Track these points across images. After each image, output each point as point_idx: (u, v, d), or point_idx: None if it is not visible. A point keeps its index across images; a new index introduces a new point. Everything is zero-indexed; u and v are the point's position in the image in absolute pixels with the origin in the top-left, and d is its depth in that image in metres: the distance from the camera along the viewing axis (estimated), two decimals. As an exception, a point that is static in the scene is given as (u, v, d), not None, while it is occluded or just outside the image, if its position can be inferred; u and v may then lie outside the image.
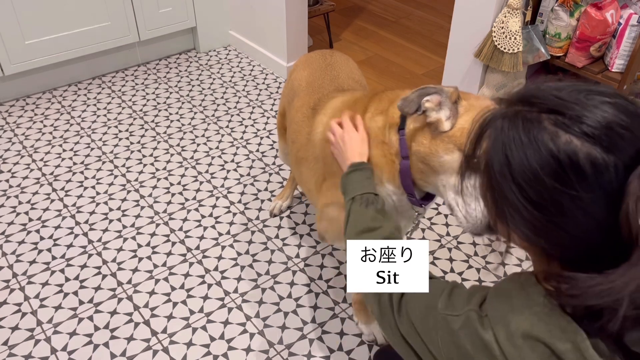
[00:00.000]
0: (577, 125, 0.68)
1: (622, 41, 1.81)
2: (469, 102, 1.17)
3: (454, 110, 1.16)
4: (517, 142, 0.71)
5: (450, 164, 1.16)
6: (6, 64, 2.75)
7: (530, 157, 0.69)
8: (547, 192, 0.69)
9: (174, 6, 3.13)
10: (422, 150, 1.20)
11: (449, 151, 1.16)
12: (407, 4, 4.12)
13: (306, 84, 1.68)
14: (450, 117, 1.16)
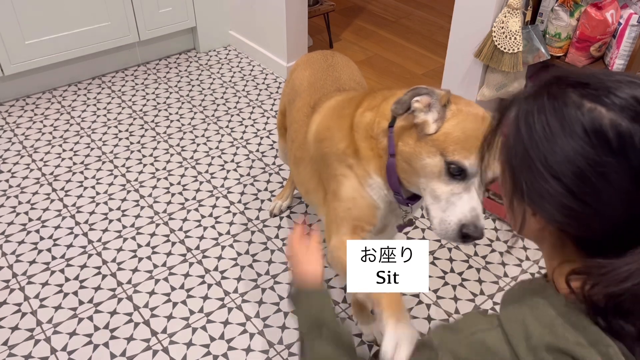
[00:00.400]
0: (603, 95, 0.66)
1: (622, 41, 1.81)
2: (458, 106, 1.16)
3: (442, 114, 1.15)
4: (542, 115, 0.69)
5: (431, 167, 1.16)
6: (6, 64, 2.75)
7: (554, 126, 0.68)
8: (572, 164, 0.67)
9: (174, 6, 3.13)
10: (406, 150, 1.20)
11: (431, 154, 1.15)
12: (407, 4, 4.12)
13: (308, 84, 1.68)
14: (437, 120, 1.15)
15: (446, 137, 1.13)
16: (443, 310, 1.90)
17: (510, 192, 0.76)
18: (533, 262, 2.07)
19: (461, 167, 1.12)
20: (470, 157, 1.11)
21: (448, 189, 1.14)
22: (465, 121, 1.14)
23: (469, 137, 1.12)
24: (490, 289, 1.97)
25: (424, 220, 2.24)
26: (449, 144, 1.13)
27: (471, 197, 1.13)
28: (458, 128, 1.14)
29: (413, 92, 1.16)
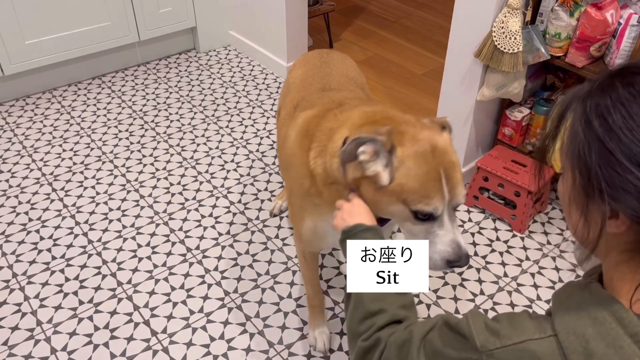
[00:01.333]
0: None
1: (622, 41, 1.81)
2: (404, 149, 1.09)
3: (390, 160, 1.10)
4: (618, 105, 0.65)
5: (398, 213, 1.13)
6: (6, 64, 2.75)
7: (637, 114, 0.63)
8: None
9: (174, 6, 3.13)
10: (369, 197, 1.15)
11: (393, 203, 1.12)
12: (407, 4, 4.12)
13: (299, 81, 1.68)
14: (387, 167, 1.10)
15: (402, 188, 1.09)
16: (443, 310, 1.90)
17: (582, 196, 0.70)
18: (533, 262, 2.07)
19: (427, 214, 1.09)
20: (432, 202, 1.08)
21: (422, 228, 1.12)
22: (415, 167, 1.09)
23: (424, 184, 1.08)
24: (490, 289, 1.97)
25: (424, 220, 2.24)
26: (406, 195, 1.09)
27: (446, 231, 1.11)
28: (410, 177, 1.09)
29: (356, 141, 1.09)
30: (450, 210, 1.12)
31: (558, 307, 0.74)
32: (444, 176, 1.08)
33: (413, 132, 1.13)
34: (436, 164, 1.09)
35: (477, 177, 2.25)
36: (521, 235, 2.18)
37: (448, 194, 1.09)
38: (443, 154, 1.11)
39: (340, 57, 1.80)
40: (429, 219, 1.11)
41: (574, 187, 0.71)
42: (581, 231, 0.72)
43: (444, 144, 1.13)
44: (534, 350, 0.70)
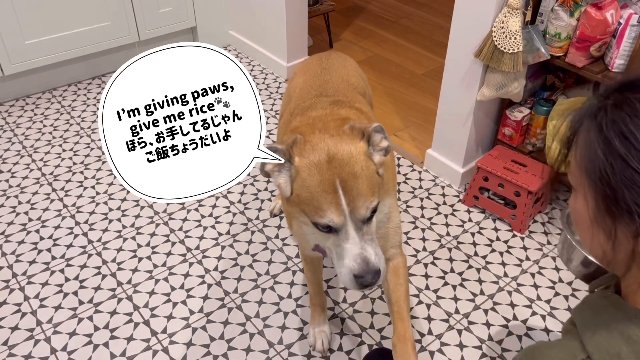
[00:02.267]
0: None
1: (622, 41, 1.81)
2: (300, 159, 1.07)
3: (291, 171, 1.07)
4: (637, 120, 0.63)
5: (305, 225, 1.11)
6: (6, 64, 2.75)
7: None
8: None
9: (173, 6, 3.13)
10: (285, 210, 1.15)
11: (299, 214, 1.10)
12: (407, 4, 4.12)
13: (299, 90, 1.65)
14: (289, 179, 1.08)
15: (299, 200, 1.07)
16: (443, 310, 1.90)
17: (608, 218, 0.68)
18: (533, 262, 2.07)
19: (324, 225, 1.07)
20: (326, 214, 1.04)
21: (330, 242, 1.10)
22: (308, 177, 1.06)
23: (316, 195, 1.05)
24: (490, 289, 1.97)
25: (424, 221, 2.24)
26: (303, 206, 1.07)
27: (352, 244, 1.07)
28: (304, 188, 1.06)
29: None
30: (357, 223, 1.07)
31: (585, 327, 0.71)
32: (341, 187, 1.04)
33: (315, 141, 1.09)
34: (331, 174, 1.04)
35: (477, 177, 2.25)
36: (521, 235, 2.18)
37: (347, 206, 1.05)
38: (343, 164, 1.06)
39: (341, 61, 1.77)
40: (332, 231, 1.08)
41: (597, 210, 0.69)
42: (609, 253, 0.70)
43: (347, 154, 1.07)
44: None
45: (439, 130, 2.39)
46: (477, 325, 1.85)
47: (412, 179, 2.47)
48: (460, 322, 1.86)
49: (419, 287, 1.97)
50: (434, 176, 2.48)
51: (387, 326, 1.85)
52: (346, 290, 1.97)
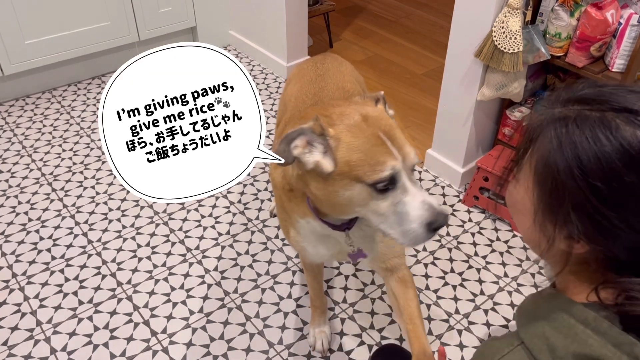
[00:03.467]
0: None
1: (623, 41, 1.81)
2: (336, 128, 1.05)
3: (326, 143, 1.05)
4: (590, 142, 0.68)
5: (357, 196, 1.06)
6: (6, 64, 2.75)
7: (607, 155, 0.67)
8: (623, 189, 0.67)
9: (173, 6, 3.13)
10: (322, 193, 1.09)
11: (348, 186, 1.05)
12: (407, 4, 4.12)
13: (294, 99, 1.63)
14: (327, 153, 1.05)
15: (350, 166, 1.03)
16: (443, 310, 1.90)
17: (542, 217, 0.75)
18: (533, 262, 2.07)
19: (386, 180, 1.03)
20: (385, 165, 1.02)
21: (388, 203, 1.05)
22: (353, 139, 1.04)
23: (368, 152, 1.03)
24: (490, 289, 1.97)
25: (424, 220, 2.24)
26: (357, 170, 1.03)
27: (413, 195, 1.05)
28: (352, 151, 1.03)
29: (286, 139, 1.05)
30: (409, 173, 1.05)
31: (520, 318, 0.80)
32: (387, 138, 1.04)
33: (340, 111, 1.09)
34: (373, 129, 1.05)
35: (477, 177, 2.25)
36: (521, 235, 2.18)
37: (398, 154, 1.04)
38: (377, 120, 1.07)
39: (336, 66, 1.74)
40: (390, 188, 1.04)
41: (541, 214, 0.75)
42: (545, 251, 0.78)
43: (375, 112, 1.09)
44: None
45: (439, 130, 2.39)
46: (477, 325, 1.85)
47: (412, 179, 2.46)
48: (460, 322, 1.86)
49: (419, 287, 1.97)
50: (434, 176, 2.47)
51: (387, 326, 1.85)
52: (346, 291, 1.97)
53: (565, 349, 0.71)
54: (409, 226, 1.04)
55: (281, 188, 1.27)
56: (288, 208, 1.30)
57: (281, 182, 1.26)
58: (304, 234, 1.33)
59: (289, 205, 1.28)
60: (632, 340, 0.68)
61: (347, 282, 1.99)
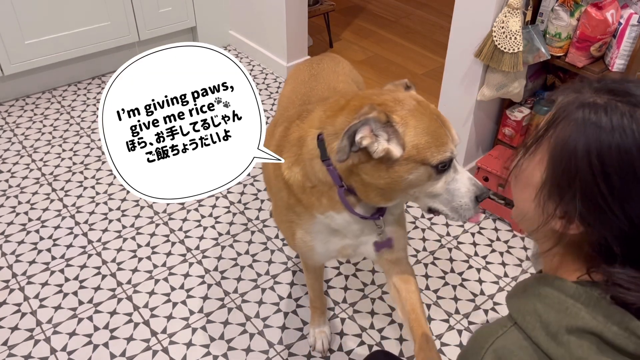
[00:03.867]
0: None
1: (623, 41, 1.81)
2: (400, 114, 1.08)
3: (391, 130, 1.07)
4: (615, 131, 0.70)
5: (418, 179, 1.11)
6: (6, 64, 2.75)
7: (628, 147, 0.69)
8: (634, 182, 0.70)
9: (173, 6, 3.13)
10: (382, 182, 1.12)
11: (413, 170, 1.09)
12: (407, 4, 4.12)
13: (286, 99, 1.63)
14: (392, 139, 1.07)
15: (418, 149, 1.08)
16: (443, 310, 1.90)
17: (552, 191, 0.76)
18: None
19: (448, 160, 1.11)
20: (447, 147, 1.11)
21: (442, 182, 1.14)
22: (419, 122, 1.09)
23: (434, 133, 1.09)
24: (490, 289, 1.97)
25: (424, 221, 2.24)
26: (425, 153, 1.08)
27: (462, 172, 1.15)
28: (420, 135, 1.08)
29: (348, 132, 1.05)
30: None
31: (510, 301, 0.82)
32: (441, 121, 1.12)
33: (392, 97, 1.13)
34: (430, 112, 1.11)
35: (477, 177, 2.24)
36: (521, 235, 2.18)
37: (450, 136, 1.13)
38: (426, 104, 1.14)
39: (332, 66, 1.73)
40: (447, 168, 1.13)
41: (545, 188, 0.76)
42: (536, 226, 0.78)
43: (419, 98, 1.16)
44: (504, 345, 0.76)
45: (439, 130, 2.38)
46: (477, 325, 1.85)
47: (412, 179, 2.46)
48: (460, 322, 1.86)
49: (419, 288, 1.97)
50: (434, 176, 2.47)
51: (387, 326, 1.85)
52: (346, 291, 1.97)
53: (558, 324, 0.73)
54: (460, 201, 1.14)
55: (300, 186, 1.24)
56: (305, 205, 1.27)
57: (300, 181, 1.23)
58: (316, 231, 1.32)
59: (308, 201, 1.25)
60: (621, 310, 0.70)
61: (347, 282, 1.99)
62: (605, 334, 0.70)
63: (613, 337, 0.70)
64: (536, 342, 0.74)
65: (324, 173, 1.17)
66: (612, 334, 0.70)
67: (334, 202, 1.22)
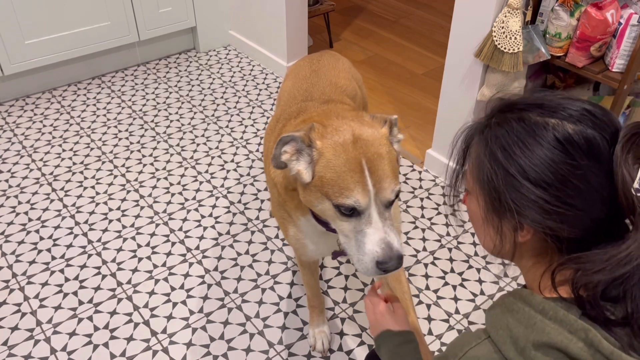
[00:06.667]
0: (560, 111, 0.77)
1: (623, 41, 1.81)
2: (323, 142, 1.07)
3: (312, 155, 1.07)
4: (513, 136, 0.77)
5: (326, 211, 1.09)
6: (6, 64, 2.75)
7: (530, 143, 0.76)
8: (550, 169, 0.74)
9: (173, 6, 3.13)
10: (303, 199, 1.13)
11: (320, 200, 1.08)
12: (407, 4, 4.12)
13: (287, 94, 1.63)
14: (310, 164, 1.07)
15: (322, 182, 1.06)
16: (443, 310, 1.90)
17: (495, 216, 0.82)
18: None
19: (348, 207, 1.05)
20: (352, 194, 1.03)
21: (351, 227, 1.07)
22: (333, 158, 1.05)
23: (342, 175, 1.04)
24: (490, 289, 1.97)
25: (424, 221, 2.24)
26: (327, 189, 1.05)
27: (375, 229, 1.05)
28: (328, 169, 1.05)
29: (279, 143, 1.07)
30: (380, 206, 1.06)
31: (487, 314, 0.85)
32: (367, 168, 1.04)
33: (337, 125, 1.09)
34: (357, 154, 1.04)
35: (477, 177, 2.24)
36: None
37: (373, 187, 1.04)
38: (369, 144, 1.05)
39: (332, 62, 1.74)
40: (355, 214, 1.06)
41: (487, 209, 0.83)
42: (498, 245, 0.84)
43: (372, 135, 1.07)
44: (476, 355, 0.79)
45: (439, 130, 2.39)
46: (477, 325, 1.85)
47: (412, 179, 2.46)
48: (460, 322, 1.86)
49: (419, 287, 1.97)
50: (434, 176, 2.48)
51: (387, 326, 1.85)
52: (346, 291, 1.97)
53: (526, 339, 0.75)
54: (363, 257, 1.07)
55: (283, 187, 1.27)
56: (289, 207, 1.30)
57: (283, 182, 1.26)
58: (306, 230, 1.34)
59: (291, 204, 1.28)
60: (585, 327, 0.71)
61: (347, 282, 1.99)
62: (571, 349, 0.71)
63: (578, 352, 0.70)
64: (506, 355, 0.76)
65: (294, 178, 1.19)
66: (577, 350, 0.71)
67: (304, 207, 1.24)
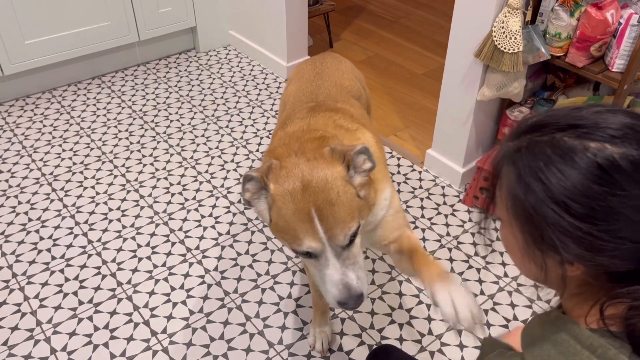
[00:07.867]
0: (599, 131, 0.68)
1: (623, 41, 1.81)
2: (275, 186, 1.05)
3: (268, 198, 1.07)
4: (550, 165, 0.69)
5: (291, 249, 1.10)
6: (6, 64, 2.75)
7: (569, 173, 0.68)
8: (596, 201, 0.67)
9: (173, 6, 3.13)
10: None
11: (282, 239, 1.09)
12: (407, 4, 4.12)
13: (292, 98, 1.63)
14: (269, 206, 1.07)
15: (276, 228, 1.07)
16: (443, 310, 1.89)
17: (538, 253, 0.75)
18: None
19: (302, 253, 1.06)
20: (303, 242, 1.04)
21: (313, 268, 1.10)
22: (282, 206, 1.04)
23: (291, 224, 1.04)
24: (490, 289, 1.97)
25: (424, 221, 2.24)
26: (280, 235, 1.07)
27: (333, 271, 1.06)
28: (280, 217, 1.05)
29: (243, 179, 1.07)
30: (337, 249, 1.06)
31: (525, 340, 0.80)
32: (317, 216, 1.02)
33: (289, 167, 1.06)
34: (306, 203, 1.02)
35: (477, 177, 2.25)
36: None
37: (324, 234, 1.03)
38: (318, 192, 1.03)
39: (335, 64, 1.74)
40: (313, 256, 1.07)
41: (526, 244, 0.75)
42: (542, 279, 0.79)
43: (322, 180, 1.04)
44: None
45: (439, 130, 2.39)
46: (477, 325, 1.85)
47: (412, 179, 2.46)
48: (461, 322, 1.86)
49: (419, 287, 1.97)
50: (434, 176, 2.48)
51: (387, 326, 1.85)
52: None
53: None
54: (327, 296, 1.10)
55: None
56: None
57: None
58: None
59: None
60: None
61: (347, 282, 1.99)
62: None
63: None
64: None
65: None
66: None
67: None
